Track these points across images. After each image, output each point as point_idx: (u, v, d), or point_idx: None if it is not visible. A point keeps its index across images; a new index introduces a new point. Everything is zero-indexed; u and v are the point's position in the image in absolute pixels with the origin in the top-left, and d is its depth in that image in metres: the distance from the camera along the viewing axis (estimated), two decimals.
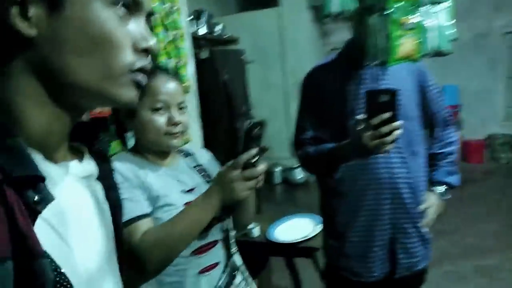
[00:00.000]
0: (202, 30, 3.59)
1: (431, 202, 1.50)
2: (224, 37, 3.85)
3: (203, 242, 1.10)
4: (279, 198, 5.75)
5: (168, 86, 1.09)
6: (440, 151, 1.55)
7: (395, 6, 1.08)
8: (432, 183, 1.54)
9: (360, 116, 1.19)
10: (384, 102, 1.09)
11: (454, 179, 1.56)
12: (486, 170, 5.94)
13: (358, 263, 1.46)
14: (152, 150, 1.12)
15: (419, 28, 1.12)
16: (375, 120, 1.12)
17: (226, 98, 3.18)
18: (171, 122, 1.07)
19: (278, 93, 6.12)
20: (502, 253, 3.40)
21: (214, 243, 1.13)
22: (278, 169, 6.04)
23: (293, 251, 2.20)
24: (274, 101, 6.10)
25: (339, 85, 1.41)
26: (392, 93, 1.10)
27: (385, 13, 1.09)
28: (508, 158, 6.11)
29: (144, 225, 0.99)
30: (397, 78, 1.40)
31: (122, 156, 1.11)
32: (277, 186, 6.03)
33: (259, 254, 2.55)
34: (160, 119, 1.07)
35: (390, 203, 1.40)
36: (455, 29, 1.23)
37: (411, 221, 1.44)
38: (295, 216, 2.41)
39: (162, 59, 2.54)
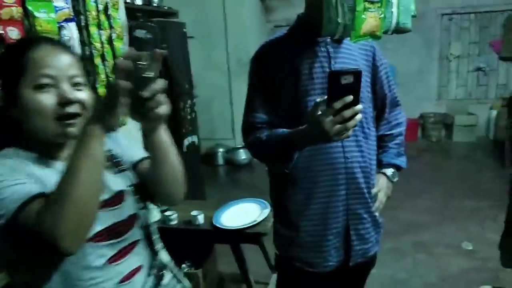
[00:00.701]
0: (138, 1, 3.31)
1: (381, 185, 1.47)
2: (164, 8, 3.58)
3: (119, 247, 0.94)
4: (222, 181, 5.64)
5: (55, 57, 0.88)
6: (389, 132, 1.52)
7: None
8: (381, 165, 1.51)
9: (319, 99, 1.08)
10: (347, 84, 0.99)
11: (402, 161, 1.54)
12: (419, 147, 6.25)
13: (312, 252, 1.39)
14: (43, 141, 0.89)
15: (384, 2, 1.02)
16: (338, 104, 1.02)
17: (167, 76, 2.96)
18: (63, 100, 0.86)
19: (221, 71, 5.93)
20: (437, 228, 3.57)
21: (132, 245, 0.97)
22: (221, 150, 5.91)
23: (240, 237, 2.12)
24: (216, 79, 5.91)
25: (292, 63, 1.31)
26: (356, 74, 1.00)
27: None
28: (438, 136, 6.47)
29: (38, 204, 0.78)
30: (352, 56, 1.34)
31: (8, 153, 0.89)
32: (220, 168, 5.91)
33: (204, 242, 2.44)
34: (47, 99, 0.86)
35: (345, 188, 1.34)
36: (414, 6, 1.14)
37: (365, 206, 1.40)
38: (241, 201, 2.32)
39: (94, 30, 2.27)
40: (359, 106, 1.04)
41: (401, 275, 2.93)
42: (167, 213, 2.18)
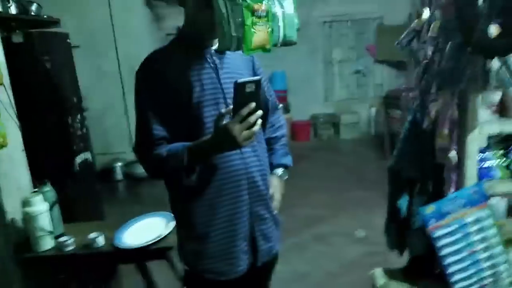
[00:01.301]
0: (13, 10, 2.99)
1: (275, 185, 1.57)
2: (43, 17, 3.29)
3: None
4: (123, 197, 5.37)
5: None
6: (274, 135, 1.62)
7: None
8: (272, 166, 1.60)
9: (223, 110, 1.17)
10: (250, 92, 1.09)
11: (289, 160, 1.67)
12: (312, 146, 6.69)
13: (223, 261, 1.41)
14: None
15: (270, 16, 1.09)
16: (245, 111, 1.11)
17: (51, 90, 2.73)
18: None
19: (113, 82, 5.66)
20: (333, 220, 3.87)
21: None
22: (119, 165, 5.62)
23: (145, 255, 2.04)
24: (109, 90, 5.63)
25: (180, 75, 1.31)
26: (257, 83, 1.10)
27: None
28: (328, 135, 7.00)
29: None
30: (235, 65, 1.40)
31: None
32: (120, 183, 5.62)
33: (107, 265, 2.30)
34: None
35: (247, 193, 1.39)
36: (298, 19, 1.24)
37: (266, 207, 1.47)
38: (144, 217, 2.24)
39: None
40: (260, 111, 1.14)
41: (303, 268, 3.11)
42: (61, 239, 2.01)
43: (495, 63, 1.33)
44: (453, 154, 1.51)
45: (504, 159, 1.57)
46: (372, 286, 1.75)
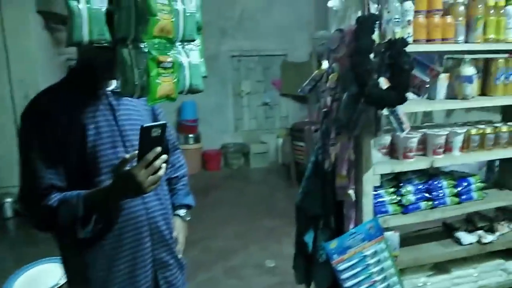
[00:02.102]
0: None
1: (179, 227, 1.53)
2: None
3: None
4: (13, 237, 4.79)
5: None
6: (175, 175, 1.60)
7: (151, 42, 1.01)
8: (174, 207, 1.56)
9: (127, 155, 1.14)
10: (156, 137, 1.09)
11: (191, 200, 1.64)
12: (223, 176, 6.72)
13: None
14: None
15: (176, 67, 1.09)
16: (151, 155, 1.09)
17: None
18: None
19: (3, 108, 5.13)
20: (244, 251, 3.88)
21: None
22: (8, 201, 5.04)
23: None
24: (0, 118, 5.09)
25: (73, 117, 1.22)
26: (163, 127, 1.11)
27: (141, 47, 1.01)
28: (238, 164, 7.11)
29: None
30: (133, 106, 1.36)
31: None
32: (9, 221, 5.02)
33: None
34: None
35: (150, 240, 1.34)
36: (205, 68, 1.27)
37: (170, 252, 1.42)
38: (38, 263, 2.04)
39: None
40: (165, 156, 1.12)
41: None
42: None
43: (385, 112, 1.49)
44: (351, 192, 1.64)
45: (395, 196, 1.75)
46: None
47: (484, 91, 1.87)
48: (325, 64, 1.56)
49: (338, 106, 1.51)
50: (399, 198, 1.75)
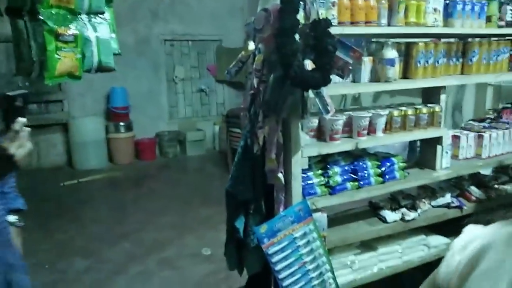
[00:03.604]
0: None
1: (13, 234, 1.37)
2: None
3: None
4: None
5: None
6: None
7: (48, 12, 0.89)
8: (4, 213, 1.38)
9: None
10: (19, 106, 1.05)
11: (21, 203, 1.46)
12: (158, 165, 6.52)
13: None
14: None
15: (80, 41, 0.98)
16: (17, 126, 1.04)
17: None
18: None
19: None
20: (180, 241, 3.79)
21: None
22: None
23: None
24: None
25: None
26: (26, 97, 1.07)
27: (40, 19, 0.88)
28: (174, 153, 6.93)
29: None
30: None
31: None
32: None
33: None
34: None
35: None
36: (117, 44, 1.16)
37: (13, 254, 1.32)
38: None
39: None
40: (29, 128, 1.08)
41: None
42: None
43: (311, 94, 1.48)
44: (280, 176, 1.62)
45: (322, 178, 1.76)
46: None
47: (405, 74, 1.94)
48: (251, 45, 1.51)
49: (265, 88, 1.47)
50: (326, 179, 1.77)
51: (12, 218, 1.37)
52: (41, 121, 6.11)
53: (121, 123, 6.45)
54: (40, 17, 0.88)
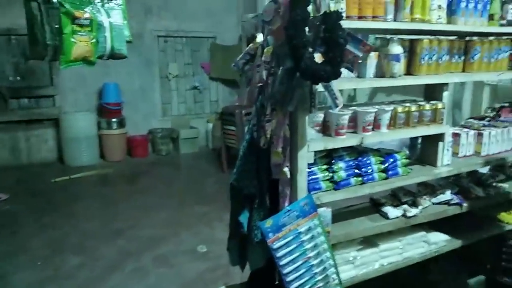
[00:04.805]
0: None
1: None
2: None
3: None
4: None
5: None
6: None
7: None
8: None
9: None
10: None
11: None
12: (151, 162, 6.47)
13: None
14: None
15: (94, 25, 0.95)
16: None
17: None
18: None
19: None
20: (175, 238, 3.76)
21: None
22: None
23: None
24: None
25: None
26: None
27: (54, 2, 0.86)
28: (167, 150, 6.87)
29: None
30: None
31: None
32: None
33: None
34: None
35: None
36: (129, 31, 1.13)
37: None
38: None
39: None
40: None
41: None
42: None
43: (320, 87, 1.47)
44: (286, 170, 1.61)
45: (327, 173, 1.76)
46: None
47: (409, 71, 1.94)
48: (259, 37, 1.50)
49: (273, 81, 1.46)
50: (331, 174, 1.76)
51: None
52: (32, 116, 6.02)
53: (114, 120, 6.38)
54: (57, 0, 0.85)
